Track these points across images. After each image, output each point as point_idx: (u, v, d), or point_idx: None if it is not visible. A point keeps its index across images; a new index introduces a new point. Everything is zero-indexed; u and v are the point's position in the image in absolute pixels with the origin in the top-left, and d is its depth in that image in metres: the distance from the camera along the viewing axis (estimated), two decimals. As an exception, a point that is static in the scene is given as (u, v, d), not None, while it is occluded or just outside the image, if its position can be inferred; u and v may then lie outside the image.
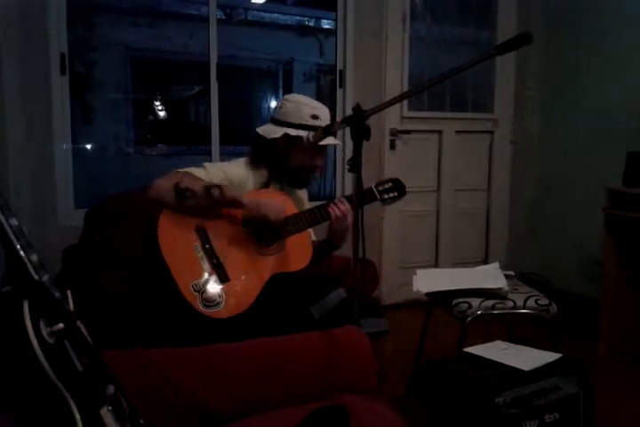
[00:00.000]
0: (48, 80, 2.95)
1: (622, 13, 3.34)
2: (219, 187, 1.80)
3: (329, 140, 1.98)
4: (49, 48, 2.94)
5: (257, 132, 2.08)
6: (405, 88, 3.69)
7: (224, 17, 4.81)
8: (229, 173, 1.98)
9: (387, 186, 2.07)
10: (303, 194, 2.26)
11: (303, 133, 1.93)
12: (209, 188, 1.78)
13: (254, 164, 2.08)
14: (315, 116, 2.00)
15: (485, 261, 3.99)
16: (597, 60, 3.52)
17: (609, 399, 2.21)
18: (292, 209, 1.99)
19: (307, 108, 2.01)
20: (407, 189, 2.12)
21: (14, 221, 0.93)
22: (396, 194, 2.08)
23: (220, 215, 1.89)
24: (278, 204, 1.89)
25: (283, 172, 2.08)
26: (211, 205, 1.82)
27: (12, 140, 2.87)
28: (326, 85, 5.56)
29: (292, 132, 1.98)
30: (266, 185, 2.06)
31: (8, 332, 0.86)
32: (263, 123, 2.13)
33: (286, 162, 2.06)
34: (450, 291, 2.24)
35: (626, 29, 3.33)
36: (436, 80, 1.43)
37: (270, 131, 2.04)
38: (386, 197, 2.06)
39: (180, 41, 4.67)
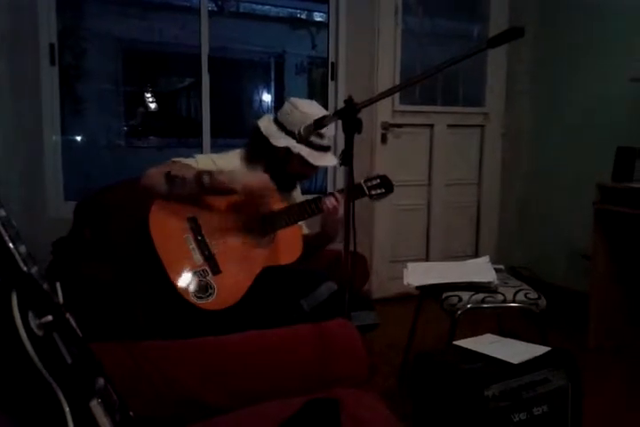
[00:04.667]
0: (37, 71, 2.93)
1: (615, 9, 3.35)
2: (209, 173, 1.79)
3: (326, 160, 2.04)
4: (38, 38, 2.91)
5: (257, 127, 2.06)
6: (397, 81, 3.69)
7: (215, 8, 4.78)
8: (221, 164, 1.98)
9: (375, 182, 2.07)
10: (296, 191, 2.26)
11: (304, 150, 1.97)
12: (199, 174, 1.78)
13: (249, 159, 2.07)
14: (320, 135, 1.99)
15: (476, 255, 4.00)
16: (588, 55, 3.53)
17: (597, 392, 2.23)
18: (281, 204, 2.00)
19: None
20: (398, 183, 2.12)
21: (2, 212, 0.92)
22: (383, 190, 2.08)
23: (212, 207, 1.88)
24: (259, 173, 1.90)
25: (276, 174, 2.07)
26: (201, 192, 1.81)
27: (1, 132, 2.84)
28: (318, 78, 5.55)
29: (295, 148, 1.98)
30: None
31: (-4, 324, 0.85)
32: (255, 116, 2.13)
33: (281, 168, 2.06)
34: (440, 284, 2.25)
35: (618, 24, 3.33)
36: (427, 73, 1.43)
37: (273, 134, 2.03)
38: (374, 193, 2.06)
39: (171, 32, 4.64)
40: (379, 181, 2.07)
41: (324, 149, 2.04)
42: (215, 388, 1.31)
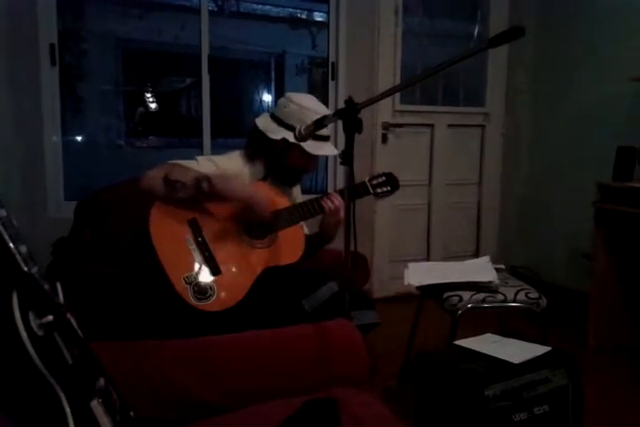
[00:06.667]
0: (38, 71, 2.93)
1: (614, 9, 3.34)
2: (208, 179, 1.78)
3: (326, 150, 2.01)
4: (38, 39, 2.91)
5: (255, 125, 2.06)
6: (398, 81, 3.69)
7: (216, 8, 4.77)
8: (222, 166, 1.97)
9: (380, 180, 2.07)
10: (296, 189, 2.26)
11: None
12: (198, 180, 1.77)
13: (250, 158, 2.06)
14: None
15: (476, 255, 4.00)
16: (589, 55, 3.53)
17: (598, 392, 2.23)
18: (284, 203, 1.99)
19: (310, 113, 1.96)
20: (399, 183, 2.12)
21: (3, 212, 0.92)
22: (389, 188, 2.08)
23: (212, 208, 1.88)
24: (264, 197, 1.86)
25: (278, 169, 2.07)
26: (200, 197, 1.81)
27: (2, 132, 2.85)
28: (318, 78, 5.54)
29: (292, 138, 1.96)
30: (263, 180, 2.06)
31: (-3, 324, 0.85)
32: (255, 116, 2.11)
33: (281, 161, 2.05)
34: (441, 284, 2.25)
35: (617, 24, 3.33)
36: (428, 73, 1.42)
37: (269, 129, 2.02)
38: (379, 191, 2.06)
39: (172, 32, 4.63)
40: (384, 178, 2.07)
41: (324, 138, 2.01)
42: (215, 388, 1.31)
